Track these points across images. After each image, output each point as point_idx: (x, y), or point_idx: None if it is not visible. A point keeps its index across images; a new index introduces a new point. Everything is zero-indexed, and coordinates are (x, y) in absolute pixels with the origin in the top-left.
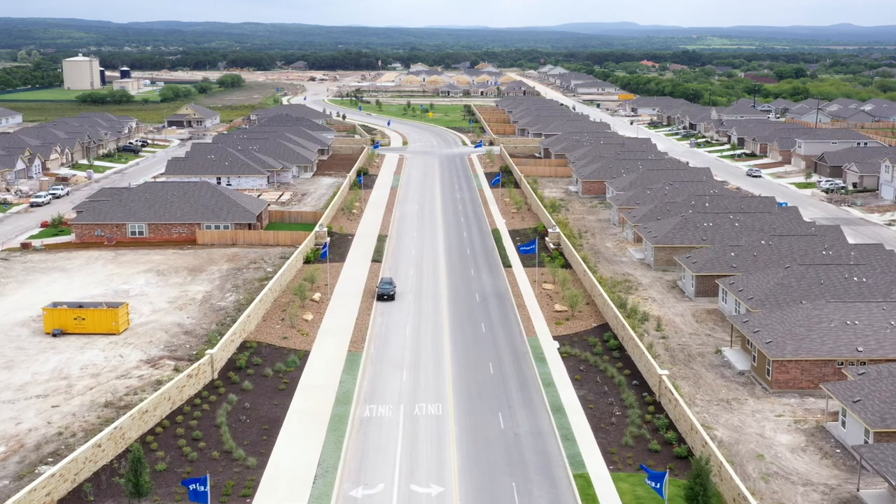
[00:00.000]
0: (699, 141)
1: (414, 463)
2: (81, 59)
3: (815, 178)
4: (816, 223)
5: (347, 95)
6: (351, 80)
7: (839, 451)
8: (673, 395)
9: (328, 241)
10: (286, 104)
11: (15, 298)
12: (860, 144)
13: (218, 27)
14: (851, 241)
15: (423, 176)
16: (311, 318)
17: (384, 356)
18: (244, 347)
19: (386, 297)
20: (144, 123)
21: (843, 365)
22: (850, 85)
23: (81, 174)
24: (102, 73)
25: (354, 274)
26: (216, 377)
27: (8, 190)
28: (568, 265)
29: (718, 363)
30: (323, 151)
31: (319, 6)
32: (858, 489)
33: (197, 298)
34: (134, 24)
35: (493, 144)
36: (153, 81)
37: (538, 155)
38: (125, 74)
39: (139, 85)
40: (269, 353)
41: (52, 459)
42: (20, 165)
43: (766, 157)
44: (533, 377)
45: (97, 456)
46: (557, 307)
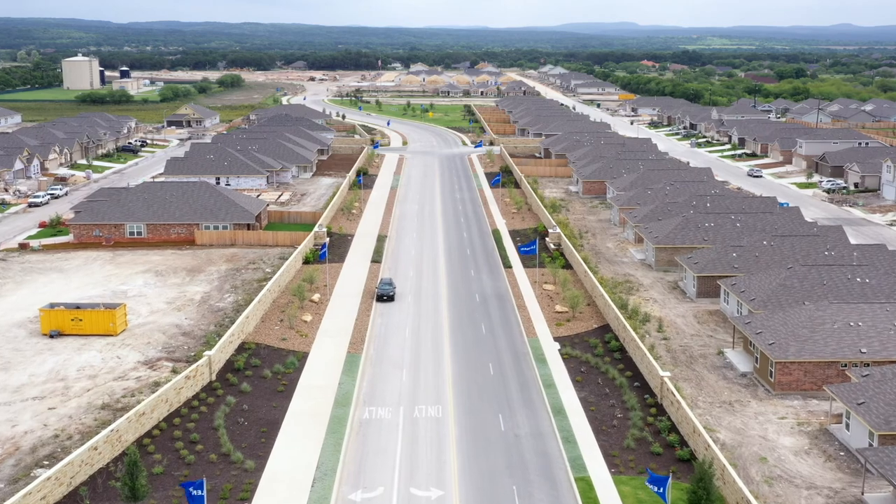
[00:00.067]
0: (700, 141)
1: (413, 465)
2: (81, 59)
3: (816, 178)
4: (818, 223)
5: (347, 95)
6: (351, 80)
7: (843, 454)
8: (675, 396)
9: (327, 241)
10: (286, 104)
11: (12, 299)
12: (861, 144)
13: (218, 27)
14: (854, 241)
15: (422, 176)
16: (310, 319)
17: (384, 357)
18: (242, 349)
19: (385, 297)
20: (144, 123)
21: (846, 367)
22: (850, 85)
23: (80, 174)
24: (102, 73)
25: (354, 274)
26: (214, 379)
27: (6, 190)
28: (568, 266)
29: (720, 365)
30: (322, 151)
31: (319, 6)
32: (863, 493)
33: (195, 299)
34: (134, 24)
35: (493, 144)
36: (153, 81)
37: (538, 155)
38: (125, 74)
39: (139, 85)
40: (267, 354)
41: (47, 462)
42: (19, 165)
43: (766, 157)
44: (533, 378)
45: (93, 459)
46: (558, 308)
